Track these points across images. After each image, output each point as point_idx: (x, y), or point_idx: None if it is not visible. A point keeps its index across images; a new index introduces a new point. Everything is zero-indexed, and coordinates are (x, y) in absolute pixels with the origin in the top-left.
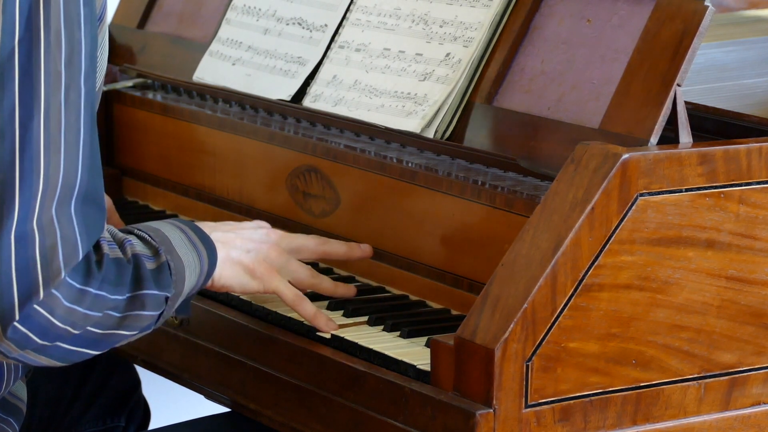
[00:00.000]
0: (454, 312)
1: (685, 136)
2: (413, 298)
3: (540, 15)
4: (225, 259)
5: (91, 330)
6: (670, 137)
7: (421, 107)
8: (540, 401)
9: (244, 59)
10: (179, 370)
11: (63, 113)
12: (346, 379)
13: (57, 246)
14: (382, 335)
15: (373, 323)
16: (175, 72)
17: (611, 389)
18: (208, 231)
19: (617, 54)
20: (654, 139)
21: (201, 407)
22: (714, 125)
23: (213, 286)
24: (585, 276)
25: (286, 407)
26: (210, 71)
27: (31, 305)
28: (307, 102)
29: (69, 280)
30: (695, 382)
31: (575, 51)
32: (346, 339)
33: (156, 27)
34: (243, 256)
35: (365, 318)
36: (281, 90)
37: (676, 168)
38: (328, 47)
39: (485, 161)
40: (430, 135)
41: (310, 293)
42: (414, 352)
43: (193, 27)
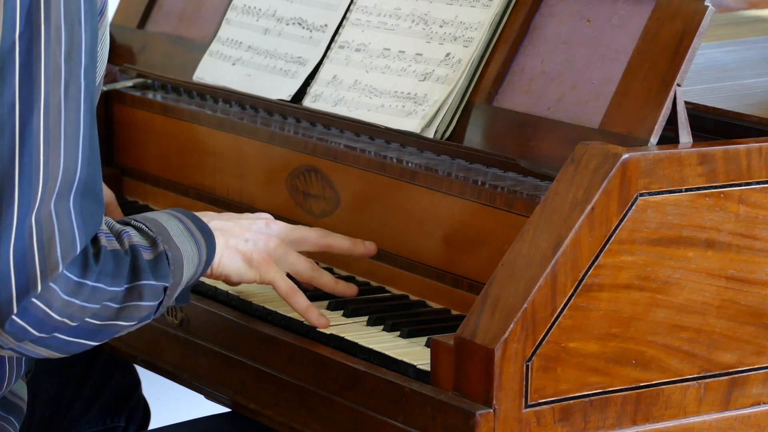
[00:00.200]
0: (454, 312)
1: (685, 136)
2: (413, 298)
3: (540, 15)
4: (223, 247)
5: (90, 321)
6: (670, 137)
7: (421, 107)
8: (540, 401)
9: (244, 59)
10: (179, 370)
11: (63, 107)
12: (346, 379)
13: (55, 239)
14: (382, 335)
15: (373, 323)
16: (175, 72)
17: (611, 389)
18: (206, 220)
19: (617, 54)
20: (654, 139)
21: (201, 407)
22: (714, 125)
23: (212, 274)
24: (585, 276)
25: (286, 407)
26: (210, 71)
27: (29, 299)
28: (307, 102)
29: (66, 273)
30: (695, 382)
31: (575, 51)
32: (346, 339)
33: (156, 27)
34: (241, 244)
35: (365, 318)
36: (281, 90)
37: (676, 168)
38: (328, 47)
39: (485, 161)
40: (430, 135)
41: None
42: (414, 352)
43: (193, 27)
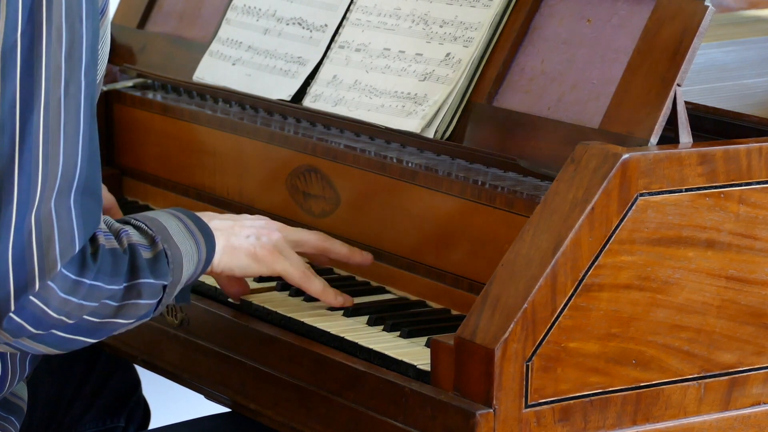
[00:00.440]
0: (454, 312)
1: (685, 136)
2: (413, 298)
3: (540, 15)
4: (225, 247)
5: (88, 319)
6: (670, 137)
7: (421, 107)
8: (540, 401)
9: (244, 59)
10: (179, 370)
11: (63, 106)
12: (346, 379)
13: (54, 238)
14: (382, 335)
15: (373, 323)
16: (175, 72)
17: (611, 389)
18: (206, 220)
19: (617, 54)
20: (654, 139)
21: (201, 407)
22: (714, 125)
23: (213, 272)
24: (585, 276)
25: (286, 407)
26: (210, 71)
27: (27, 296)
28: (307, 102)
29: (64, 271)
30: (695, 382)
31: (575, 51)
32: (346, 339)
33: (156, 27)
34: (243, 241)
35: (365, 318)
36: (281, 90)
37: (676, 168)
38: (328, 47)
39: (485, 161)
40: (430, 135)
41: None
42: (414, 352)
43: (193, 27)
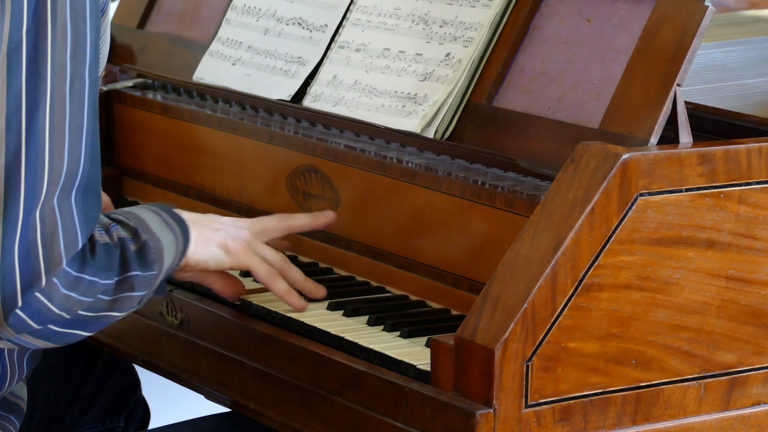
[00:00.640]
0: (454, 312)
1: (685, 136)
2: (413, 298)
3: (540, 15)
4: (197, 237)
5: (83, 314)
6: (670, 137)
7: (421, 107)
8: (540, 401)
9: (244, 59)
10: (179, 370)
11: (68, 103)
12: (346, 379)
13: (58, 235)
14: (382, 335)
15: (373, 323)
16: (175, 72)
17: (611, 389)
18: (179, 213)
19: (617, 54)
20: (654, 139)
21: (201, 407)
22: (714, 125)
23: (188, 263)
24: (585, 276)
25: (286, 407)
26: (210, 71)
27: (33, 293)
28: (307, 102)
29: (66, 268)
30: (695, 382)
31: (575, 51)
32: (346, 339)
33: (156, 27)
34: (214, 234)
35: (365, 318)
36: (281, 90)
37: (676, 168)
38: (328, 47)
39: (485, 161)
40: (430, 135)
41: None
42: (414, 352)
43: (193, 27)
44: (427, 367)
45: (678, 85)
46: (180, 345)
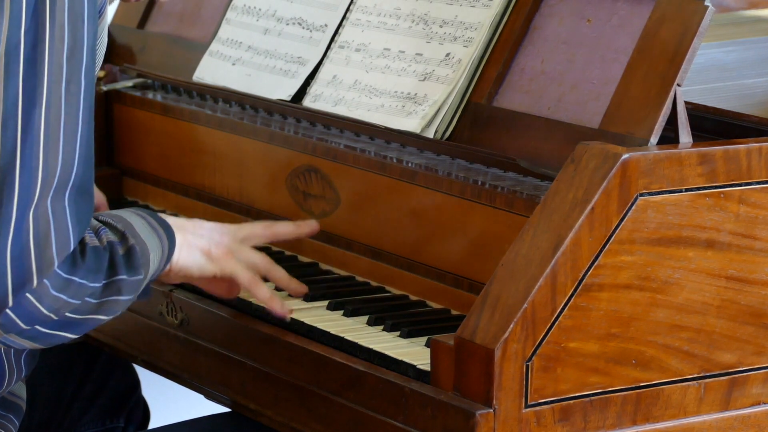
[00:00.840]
0: (454, 312)
1: (685, 136)
2: (413, 298)
3: (540, 15)
4: (182, 243)
5: (70, 316)
6: (670, 137)
7: (421, 107)
8: (540, 401)
9: (244, 59)
10: (179, 370)
11: (63, 105)
12: (346, 379)
13: (50, 236)
14: (382, 335)
15: (373, 323)
16: (175, 72)
17: (611, 389)
18: (164, 218)
19: (617, 54)
20: (654, 139)
21: (201, 407)
22: (714, 125)
23: (171, 269)
24: (585, 276)
25: (286, 407)
26: (210, 71)
27: (24, 293)
28: (307, 102)
29: (58, 270)
30: (695, 382)
31: (575, 51)
32: (346, 339)
33: (156, 27)
34: (198, 240)
35: (365, 318)
36: (281, 90)
37: (676, 168)
38: (328, 47)
39: (485, 161)
40: (430, 135)
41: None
42: (414, 352)
43: (193, 27)
44: (427, 367)
45: (678, 85)
46: (180, 345)
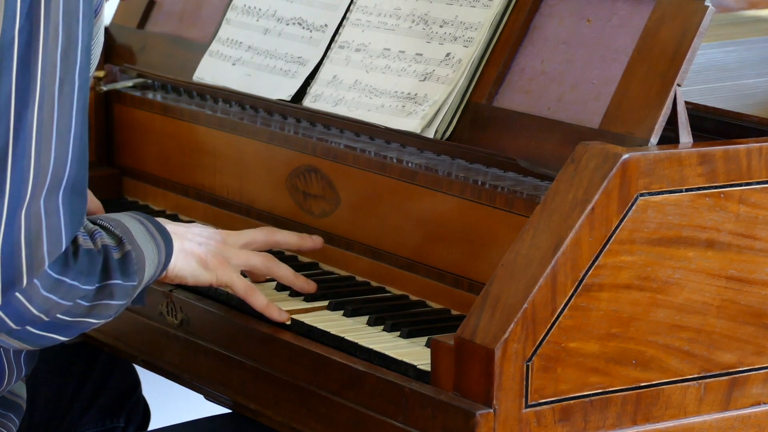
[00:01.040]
0: (454, 312)
1: (685, 136)
2: (413, 298)
3: (540, 15)
4: (179, 250)
5: (61, 317)
6: (670, 137)
7: (421, 107)
8: (540, 401)
9: (244, 59)
10: (179, 370)
11: (56, 104)
12: (346, 379)
13: (42, 236)
14: (382, 335)
15: (373, 323)
16: (175, 72)
17: (611, 389)
18: (162, 224)
19: (617, 54)
20: (654, 139)
21: (201, 407)
22: (714, 125)
23: (167, 276)
24: (585, 276)
25: (286, 407)
26: (210, 71)
27: (13, 293)
28: (307, 102)
29: (48, 270)
30: (695, 382)
31: (575, 51)
32: (346, 339)
33: (156, 27)
34: (195, 247)
35: (365, 318)
36: (281, 90)
37: (676, 168)
38: (328, 47)
39: (485, 161)
40: (430, 135)
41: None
42: (414, 352)
43: (193, 27)
44: (427, 367)
45: (678, 85)
46: (180, 345)
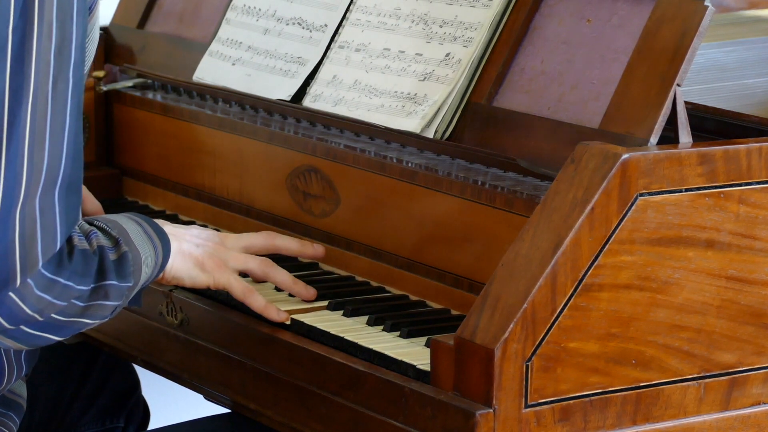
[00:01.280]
0: (454, 312)
1: (685, 136)
2: (413, 298)
3: (540, 15)
4: (177, 251)
5: (55, 317)
6: (670, 137)
7: (421, 107)
8: (540, 401)
9: (244, 59)
10: (179, 370)
11: (50, 102)
12: (346, 379)
13: (37, 235)
14: (382, 335)
15: (373, 323)
16: (175, 72)
17: (611, 389)
18: (160, 225)
19: (617, 54)
20: (654, 139)
21: (201, 407)
22: (714, 125)
23: (164, 278)
24: (585, 276)
25: (286, 407)
26: (210, 71)
27: (6, 292)
28: (307, 102)
29: (42, 269)
30: (695, 382)
31: (575, 51)
32: (346, 339)
33: (156, 27)
34: (193, 249)
35: (365, 318)
36: (281, 90)
37: (676, 168)
38: (328, 47)
39: (485, 161)
40: (430, 135)
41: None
42: (414, 352)
43: (193, 27)
44: (427, 367)
45: (678, 85)
46: (180, 345)
